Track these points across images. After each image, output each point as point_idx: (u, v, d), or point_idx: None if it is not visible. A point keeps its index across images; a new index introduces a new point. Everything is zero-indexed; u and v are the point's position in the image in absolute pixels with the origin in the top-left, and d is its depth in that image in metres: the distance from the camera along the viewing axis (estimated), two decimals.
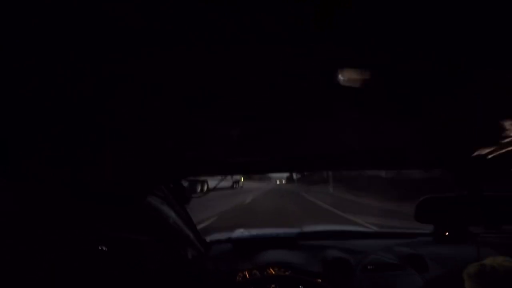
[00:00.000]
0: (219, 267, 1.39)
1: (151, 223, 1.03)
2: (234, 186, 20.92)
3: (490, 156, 0.76)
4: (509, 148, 0.72)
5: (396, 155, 0.86)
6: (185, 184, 1.17)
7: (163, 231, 1.09)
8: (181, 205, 1.14)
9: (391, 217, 6.95)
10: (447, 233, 1.37)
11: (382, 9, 0.33)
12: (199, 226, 1.43)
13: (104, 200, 0.81)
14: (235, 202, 11.24)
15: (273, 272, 1.32)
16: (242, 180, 24.31)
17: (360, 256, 1.42)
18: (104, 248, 1.18)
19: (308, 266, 1.36)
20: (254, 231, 1.72)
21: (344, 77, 0.47)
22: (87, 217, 0.92)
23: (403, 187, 9.74)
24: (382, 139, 0.74)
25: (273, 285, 1.25)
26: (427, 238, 1.58)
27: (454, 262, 0.89)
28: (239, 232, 1.68)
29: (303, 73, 0.47)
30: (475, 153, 0.77)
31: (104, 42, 0.37)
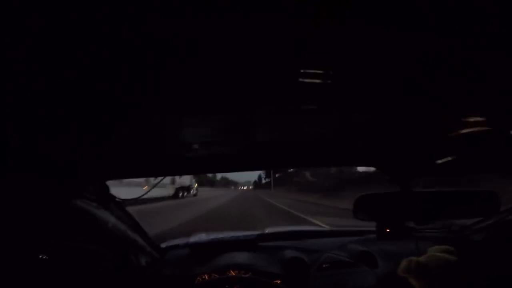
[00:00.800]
0: (176, 272, 1.34)
1: (89, 229, 0.96)
2: (180, 195, 14.47)
3: (420, 154, 0.84)
4: (439, 145, 0.81)
5: (339, 154, 0.92)
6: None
7: (103, 237, 1.02)
8: (123, 210, 1.08)
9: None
10: (388, 230, 1.48)
11: None
12: None
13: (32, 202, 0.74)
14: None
15: (233, 274, 1.31)
16: (195, 186, 18.21)
17: (315, 255, 1.48)
18: (44, 257, 1.08)
19: (268, 267, 1.37)
20: (213, 235, 1.69)
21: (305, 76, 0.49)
22: (20, 223, 0.83)
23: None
24: (322, 131, 0.78)
25: (234, 287, 1.25)
26: (373, 235, 1.69)
27: (398, 257, 0.96)
28: (197, 237, 1.65)
29: (269, 63, 0.47)
30: (407, 151, 0.85)
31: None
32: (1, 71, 0.40)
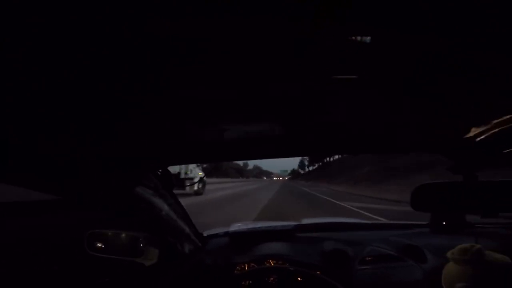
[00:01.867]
0: (217, 261, 1.38)
1: (144, 216, 1.01)
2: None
3: (485, 142, 0.75)
4: (505, 135, 0.71)
5: (395, 138, 0.85)
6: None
7: (156, 225, 1.07)
8: (174, 197, 1.12)
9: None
10: (444, 223, 1.36)
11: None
12: None
13: (93, 193, 0.79)
14: None
15: (272, 264, 1.31)
16: (199, 177, 12.21)
17: (358, 247, 1.42)
18: (99, 245, 1.17)
19: (307, 258, 1.36)
20: (251, 225, 1.71)
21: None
22: (78, 213, 0.91)
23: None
24: (380, 122, 0.73)
25: (272, 277, 1.25)
26: (424, 229, 1.57)
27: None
28: (236, 226, 1.68)
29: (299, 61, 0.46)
30: (471, 139, 0.76)
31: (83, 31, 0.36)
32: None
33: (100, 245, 1.17)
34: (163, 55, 0.41)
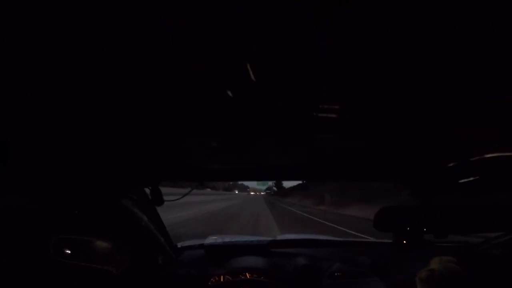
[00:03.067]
0: (190, 272, 1.37)
1: (124, 226, 1.00)
2: None
3: (442, 171, 0.85)
4: (461, 163, 0.81)
5: (359, 168, 0.93)
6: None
7: (132, 235, 1.06)
8: (153, 210, 1.12)
9: None
10: (404, 242, 1.47)
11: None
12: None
13: (79, 201, 0.78)
14: None
15: (247, 277, 1.33)
16: None
17: (328, 263, 1.48)
18: (67, 251, 1.12)
19: (280, 273, 1.39)
20: (227, 238, 1.72)
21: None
22: (48, 218, 0.88)
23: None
24: (346, 153, 0.80)
25: None
26: (387, 247, 1.68)
27: (412, 269, 0.97)
28: (212, 239, 1.67)
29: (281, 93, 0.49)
30: (430, 168, 0.86)
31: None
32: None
33: (67, 251, 1.12)
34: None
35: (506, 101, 0.52)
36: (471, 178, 0.87)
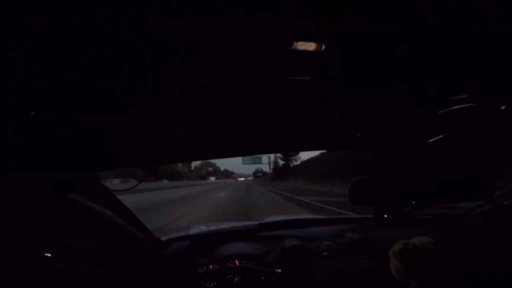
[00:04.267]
0: (178, 264, 1.36)
1: (86, 224, 0.96)
2: None
3: (414, 137, 0.84)
4: (430, 127, 0.80)
5: (332, 135, 0.91)
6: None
7: (102, 232, 1.03)
8: (117, 202, 1.09)
9: None
10: (385, 216, 1.48)
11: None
12: None
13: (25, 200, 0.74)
14: None
15: (235, 264, 1.33)
16: None
17: (315, 243, 1.50)
18: (47, 254, 1.10)
19: (268, 257, 1.39)
20: (213, 226, 1.71)
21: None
22: (16, 223, 0.84)
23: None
24: (319, 120, 0.78)
25: (235, 278, 1.26)
26: (371, 222, 1.70)
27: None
28: (197, 229, 1.66)
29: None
30: (400, 134, 0.85)
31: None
32: (1, 71, 0.40)
33: (47, 254, 1.09)
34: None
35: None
36: (441, 136, 0.86)
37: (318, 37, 0.40)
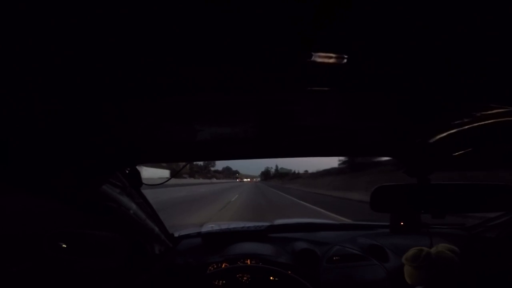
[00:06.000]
0: (189, 261, 1.37)
1: (111, 216, 0.98)
2: None
3: (438, 147, 0.83)
4: (456, 139, 0.79)
5: (353, 142, 0.91)
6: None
7: (124, 224, 1.04)
8: (143, 197, 1.10)
9: None
10: (402, 224, 1.46)
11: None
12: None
13: (58, 192, 0.76)
14: None
15: (245, 263, 1.33)
16: None
17: (325, 247, 1.49)
18: (63, 245, 1.11)
19: (278, 258, 1.39)
20: (224, 225, 1.72)
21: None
22: (42, 212, 0.86)
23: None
24: (338, 126, 0.78)
25: (245, 277, 1.26)
26: (385, 230, 1.68)
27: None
28: (209, 227, 1.67)
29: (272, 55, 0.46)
30: (424, 144, 0.84)
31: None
32: (1, 71, 0.40)
33: (63, 245, 1.11)
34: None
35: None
36: (466, 150, 0.85)
37: (339, 48, 0.40)
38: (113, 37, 0.37)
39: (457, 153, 0.89)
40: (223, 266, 1.33)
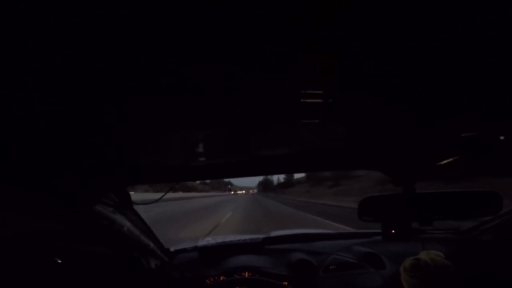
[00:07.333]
0: (185, 274, 1.37)
1: (105, 233, 0.99)
2: None
3: (422, 156, 0.85)
4: (440, 150, 0.82)
5: (338, 157, 0.93)
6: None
7: (118, 241, 1.05)
8: (136, 214, 1.12)
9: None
10: (393, 231, 1.47)
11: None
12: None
13: (52, 209, 0.77)
14: None
15: (242, 276, 1.33)
16: None
17: (322, 257, 1.49)
18: (58, 261, 1.11)
19: (275, 269, 1.39)
20: (220, 239, 1.72)
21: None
22: (37, 229, 0.87)
23: None
24: (325, 141, 0.80)
25: None
26: (379, 237, 1.69)
27: (405, 259, 0.97)
28: (205, 241, 1.67)
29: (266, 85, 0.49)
30: (409, 154, 0.87)
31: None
32: (1, 71, 0.40)
33: (59, 261, 1.11)
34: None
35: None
36: (450, 160, 0.87)
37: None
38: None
39: (441, 162, 0.92)
40: (220, 279, 1.33)
